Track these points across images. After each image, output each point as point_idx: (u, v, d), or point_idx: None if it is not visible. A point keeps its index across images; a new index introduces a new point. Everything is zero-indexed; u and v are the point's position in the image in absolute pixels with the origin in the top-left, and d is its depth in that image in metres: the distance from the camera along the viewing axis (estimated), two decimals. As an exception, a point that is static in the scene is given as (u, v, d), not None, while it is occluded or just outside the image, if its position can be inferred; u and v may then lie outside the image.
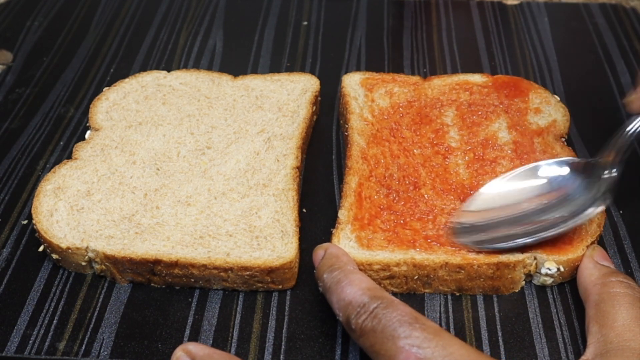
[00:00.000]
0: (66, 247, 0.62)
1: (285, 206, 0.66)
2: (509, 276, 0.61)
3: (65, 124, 0.82)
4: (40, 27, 1.00)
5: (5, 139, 0.80)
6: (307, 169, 0.75)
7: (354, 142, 0.72)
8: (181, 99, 0.78)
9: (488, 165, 0.68)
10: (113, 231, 0.63)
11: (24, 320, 0.60)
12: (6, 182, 0.74)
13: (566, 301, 0.62)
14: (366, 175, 0.68)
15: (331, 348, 0.58)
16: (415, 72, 0.90)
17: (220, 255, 0.61)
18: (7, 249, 0.67)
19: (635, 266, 0.65)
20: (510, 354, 0.58)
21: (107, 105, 0.78)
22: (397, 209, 0.65)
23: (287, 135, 0.74)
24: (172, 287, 0.63)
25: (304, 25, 1.00)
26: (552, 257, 0.60)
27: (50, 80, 0.89)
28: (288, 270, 0.61)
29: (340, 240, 0.62)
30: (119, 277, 0.63)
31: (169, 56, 0.94)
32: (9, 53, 0.95)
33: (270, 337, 0.59)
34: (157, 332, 0.60)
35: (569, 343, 0.58)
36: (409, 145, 0.71)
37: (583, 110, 0.81)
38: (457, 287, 0.62)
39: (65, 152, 0.78)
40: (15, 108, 0.84)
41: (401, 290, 0.62)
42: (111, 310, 0.61)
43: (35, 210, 0.65)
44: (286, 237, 0.63)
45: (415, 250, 0.61)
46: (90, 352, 0.58)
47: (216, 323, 0.60)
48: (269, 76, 0.82)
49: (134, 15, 1.02)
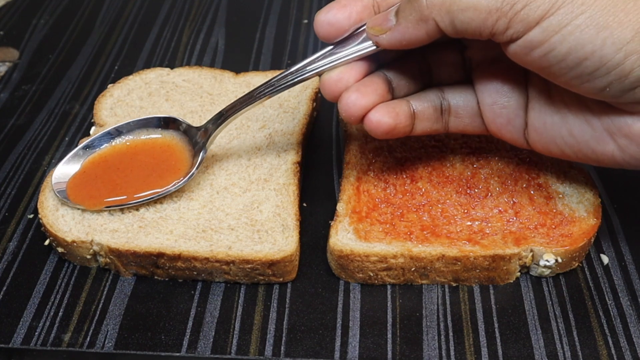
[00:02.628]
0: (71, 240, 0.62)
1: (286, 200, 0.66)
2: (504, 267, 0.62)
3: (70, 120, 0.83)
4: (46, 25, 1.01)
5: (12, 135, 0.81)
6: (308, 164, 0.76)
7: (353, 136, 0.73)
8: (184, 96, 0.79)
9: (484, 159, 0.69)
10: (117, 225, 0.64)
11: (30, 312, 0.61)
12: (12, 177, 0.75)
13: (561, 293, 0.62)
14: (364, 169, 0.69)
15: (331, 339, 0.59)
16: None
17: (223, 249, 0.62)
18: (14, 242, 0.67)
19: (629, 259, 0.65)
20: (507, 345, 0.58)
21: (111, 101, 0.79)
22: (394, 202, 0.65)
23: (287, 131, 0.74)
24: (175, 280, 0.64)
25: (304, 23, 1.01)
26: (551, 249, 0.61)
27: (55, 77, 0.90)
28: (289, 263, 0.62)
29: (338, 233, 0.63)
30: (123, 270, 0.64)
31: (172, 53, 0.94)
32: (15, 51, 0.95)
33: (272, 329, 0.60)
34: (161, 324, 0.60)
35: (564, 334, 0.59)
36: (407, 139, 0.71)
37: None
38: (454, 278, 0.63)
39: (71, 147, 0.78)
40: (21, 104, 0.85)
41: (398, 281, 0.63)
42: (115, 303, 0.62)
43: (41, 204, 0.65)
44: (287, 230, 0.63)
45: (412, 242, 0.62)
46: (95, 344, 0.59)
47: (218, 315, 0.61)
48: (270, 73, 0.83)
49: (137, 13, 1.03)
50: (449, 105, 0.62)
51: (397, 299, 0.62)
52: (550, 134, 0.58)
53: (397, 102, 0.60)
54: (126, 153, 0.69)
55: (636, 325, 0.60)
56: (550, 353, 0.58)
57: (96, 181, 0.66)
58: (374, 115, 0.57)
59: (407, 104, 0.60)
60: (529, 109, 0.59)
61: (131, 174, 0.67)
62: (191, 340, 0.59)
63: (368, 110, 0.58)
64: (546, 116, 0.57)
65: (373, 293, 0.63)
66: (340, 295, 0.63)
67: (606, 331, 0.59)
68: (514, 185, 0.66)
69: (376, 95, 0.58)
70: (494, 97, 0.59)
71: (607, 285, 0.63)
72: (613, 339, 0.59)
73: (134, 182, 0.66)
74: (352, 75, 0.58)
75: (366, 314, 0.61)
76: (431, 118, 0.61)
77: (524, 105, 0.59)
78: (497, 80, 0.59)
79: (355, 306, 0.62)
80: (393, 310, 0.61)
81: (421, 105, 0.61)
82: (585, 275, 0.64)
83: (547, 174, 0.67)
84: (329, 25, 0.57)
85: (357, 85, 0.58)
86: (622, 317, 0.60)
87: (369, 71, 0.59)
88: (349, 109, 0.57)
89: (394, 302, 0.62)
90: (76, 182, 0.67)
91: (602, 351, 0.58)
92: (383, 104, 0.58)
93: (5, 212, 0.71)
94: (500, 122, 0.60)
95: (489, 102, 0.60)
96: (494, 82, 0.59)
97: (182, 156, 0.68)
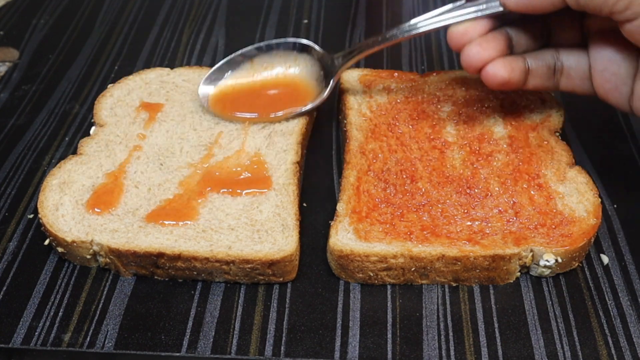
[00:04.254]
0: (71, 240, 0.62)
1: (285, 200, 0.66)
2: (504, 267, 0.62)
3: (70, 120, 0.83)
4: (46, 25, 1.01)
5: (12, 134, 0.81)
6: (308, 164, 0.76)
7: (353, 137, 0.73)
8: (184, 96, 0.79)
9: (484, 159, 0.69)
10: (117, 225, 0.64)
11: (30, 312, 0.61)
12: (12, 176, 0.75)
13: (561, 293, 0.62)
14: (364, 169, 0.69)
15: (331, 339, 0.59)
16: (413, 69, 0.91)
17: (222, 249, 0.62)
18: (14, 242, 0.67)
19: (629, 259, 0.65)
20: (507, 345, 0.58)
21: (111, 101, 0.79)
22: (394, 202, 0.65)
23: (287, 131, 0.74)
24: (175, 280, 0.64)
25: (304, 23, 1.01)
26: (551, 249, 0.61)
27: (55, 77, 0.90)
28: (289, 263, 0.62)
29: (338, 233, 0.63)
30: (123, 270, 0.64)
31: (172, 53, 0.95)
32: (16, 51, 0.95)
33: (272, 329, 0.60)
34: (161, 324, 0.60)
35: (564, 334, 0.59)
36: (407, 140, 0.72)
37: (577, 106, 0.81)
38: (454, 278, 0.63)
39: (71, 147, 0.79)
40: (21, 104, 0.85)
41: (398, 281, 0.63)
42: (115, 303, 0.62)
43: (41, 204, 0.65)
44: (287, 230, 0.63)
45: (412, 242, 0.62)
46: (95, 344, 0.59)
47: (218, 315, 0.61)
48: (270, 73, 0.83)
49: (137, 13, 1.03)
50: (562, 66, 0.67)
51: (397, 299, 0.62)
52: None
53: (514, 57, 0.66)
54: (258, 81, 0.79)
55: (636, 325, 0.60)
56: (550, 353, 0.58)
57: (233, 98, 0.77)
58: (491, 68, 0.64)
59: (523, 60, 0.66)
60: (637, 78, 0.63)
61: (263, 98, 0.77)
62: (191, 340, 0.59)
63: (486, 63, 0.64)
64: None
65: (373, 293, 0.63)
66: (340, 295, 0.63)
67: (606, 331, 0.59)
68: (514, 185, 0.66)
69: (496, 50, 0.65)
70: (606, 64, 0.64)
71: (607, 285, 0.63)
72: (613, 339, 0.59)
73: (266, 104, 0.76)
74: (477, 30, 0.65)
75: (366, 314, 0.61)
76: (544, 76, 0.67)
77: (633, 75, 0.63)
78: (610, 49, 0.64)
79: (355, 306, 0.62)
80: (393, 310, 0.61)
81: (536, 64, 0.67)
82: (585, 275, 0.64)
83: (547, 174, 0.67)
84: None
85: (479, 40, 0.65)
86: (622, 317, 0.60)
87: (492, 28, 0.66)
88: (470, 60, 0.65)
89: (394, 302, 0.62)
90: (216, 97, 0.77)
91: (602, 351, 0.58)
92: (500, 59, 0.65)
93: (5, 212, 0.71)
94: (608, 87, 0.65)
95: (600, 68, 0.64)
96: (607, 51, 0.64)
97: (308, 90, 0.77)
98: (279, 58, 0.79)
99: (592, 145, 0.77)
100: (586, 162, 0.75)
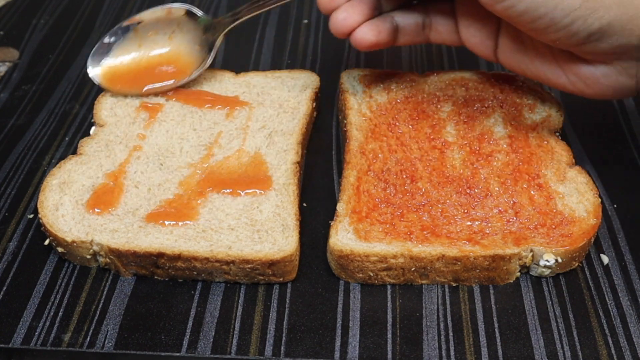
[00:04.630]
0: (71, 240, 0.63)
1: (285, 200, 0.66)
2: (504, 267, 0.62)
3: (70, 120, 0.83)
4: (46, 25, 1.01)
5: (12, 134, 0.81)
6: (308, 164, 0.76)
7: (353, 137, 0.73)
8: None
9: (484, 159, 0.69)
10: (117, 225, 0.64)
11: (30, 312, 0.61)
12: (12, 177, 0.75)
13: (561, 293, 0.62)
14: (364, 169, 0.69)
15: (331, 340, 0.59)
16: (412, 69, 0.91)
17: (223, 249, 0.62)
18: (14, 242, 0.68)
19: (629, 259, 0.65)
20: (507, 345, 0.58)
21: (111, 101, 0.79)
22: (394, 202, 0.65)
23: (287, 131, 0.74)
24: (175, 280, 0.64)
25: (304, 23, 1.01)
26: (551, 249, 0.61)
27: (55, 77, 0.90)
28: (289, 263, 0.62)
29: (338, 233, 0.63)
30: (123, 270, 0.64)
31: (172, 54, 0.94)
32: (15, 51, 0.95)
33: (272, 329, 0.60)
34: (161, 324, 0.60)
35: (564, 334, 0.59)
36: (406, 140, 0.72)
37: (577, 105, 0.81)
38: (454, 278, 0.63)
39: (71, 147, 0.79)
40: (21, 104, 0.85)
41: (398, 281, 0.63)
42: (115, 303, 0.62)
43: (41, 204, 0.65)
44: (287, 230, 0.63)
45: (412, 242, 0.62)
46: (95, 344, 0.59)
47: (218, 315, 0.61)
48: (270, 73, 0.83)
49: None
50: (431, 23, 0.72)
51: (397, 299, 0.62)
52: (515, 58, 0.69)
53: (380, 19, 0.69)
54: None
55: (636, 325, 0.60)
56: (550, 353, 0.58)
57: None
58: (358, 33, 0.68)
59: (391, 20, 0.70)
60: (500, 35, 0.69)
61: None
62: (191, 340, 0.59)
63: (354, 29, 0.68)
64: (513, 44, 0.68)
65: (373, 293, 0.63)
66: (340, 295, 0.63)
67: (606, 331, 0.59)
68: (514, 185, 0.66)
69: (362, 15, 0.68)
70: (471, 22, 0.70)
71: (607, 285, 0.63)
72: (613, 339, 0.59)
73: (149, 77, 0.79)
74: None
75: (366, 314, 0.61)
76: (413, 33, 0.72)
77: (496, 30, 0.69)
78: (475, 8, 0.67)
79: (355, 306, 0.62)
80: (393, 310, 0.61)
81: (405, 22, 0.71)
82: (585, 275, 0.64)
83: (547, 174, 0.67)
84: None
85: (346, 5, 0.68)
86: (622, 317, 0.60)
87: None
88: (338, 27, 0.68)
89: (394, 302, 0.62)
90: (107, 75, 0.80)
91: (602, 351, 0.58)
92: (367, 22, 0.68)
93: (5, 212, 0.71)
94: (474, 41, 0.71)
95: (466, 24, 0.70)
96: (472, 10, 0.69)
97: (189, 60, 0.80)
98: (162, 24, 0.82)
99: (592, 145, 0.77)
100: (586, 162, 0.75)
